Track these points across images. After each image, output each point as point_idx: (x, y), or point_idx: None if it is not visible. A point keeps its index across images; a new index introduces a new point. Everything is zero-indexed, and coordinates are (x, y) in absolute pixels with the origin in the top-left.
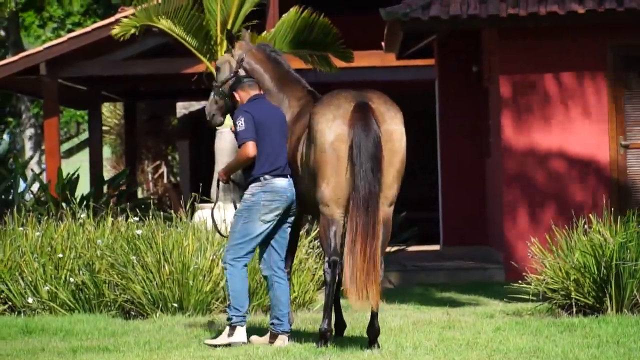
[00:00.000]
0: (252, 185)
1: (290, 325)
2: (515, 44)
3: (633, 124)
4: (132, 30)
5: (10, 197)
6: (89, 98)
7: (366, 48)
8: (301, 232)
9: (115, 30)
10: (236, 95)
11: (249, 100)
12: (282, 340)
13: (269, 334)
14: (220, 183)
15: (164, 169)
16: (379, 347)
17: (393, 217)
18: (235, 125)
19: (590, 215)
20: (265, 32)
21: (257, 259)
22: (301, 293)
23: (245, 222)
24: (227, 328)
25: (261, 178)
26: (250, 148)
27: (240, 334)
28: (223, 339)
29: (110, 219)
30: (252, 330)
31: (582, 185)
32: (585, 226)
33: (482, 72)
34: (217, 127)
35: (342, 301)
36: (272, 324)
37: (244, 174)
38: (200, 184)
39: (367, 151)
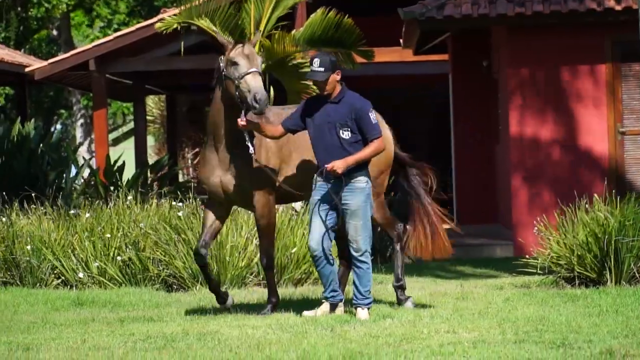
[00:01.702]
0: (362, 173)
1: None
2: (521, 40)
3: (629, 112)
4: (174, 26)
5: (63, 182)
6: (134, 91)
7: (386, 44)
8: None
9: (158, 25)
10: (334, 77)
11: (345, 91)
12: (341, 309)
13: (328, 305)
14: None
15: None
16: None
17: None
18: (363, 118)
19: (591, 196)
20: (294, 30)
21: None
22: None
23: (368, 209)
24: (366, 311)
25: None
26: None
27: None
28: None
29: (154, 202)
30: (297, 302)
31: (584, 168)
32: (587, 206)
33: (492, 66)
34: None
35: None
36: (332, 296)
37: None
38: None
39: None
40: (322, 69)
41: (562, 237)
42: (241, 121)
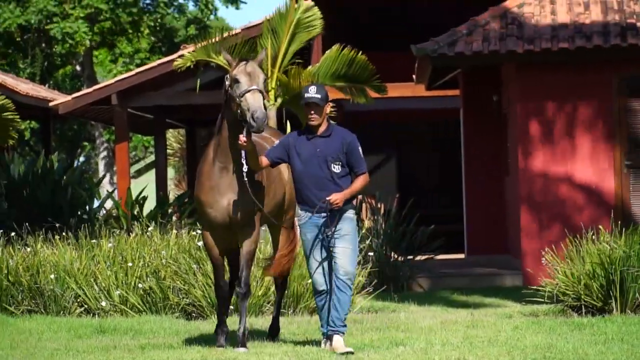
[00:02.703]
0: (351, 206)
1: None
2: (530, 76)
3: (635, 146)
4: (189, 64)
5: (86, 213)
6: (155, 125)
7: (399, 79)
8: None
9: (177, 62)
10: (326, 108)
11: (332, 125)
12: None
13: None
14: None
15: None
16: None
17: (424, 230)
18: (353, 152)
19: (597, 227)
20: (310, 66)
21: (307, 269)
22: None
23: (357, 236)
24: (342, 339)
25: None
26: None
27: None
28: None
29: (174, 233)
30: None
31: (590, 201)
32: (594, 237)
33: (502, 101)
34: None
35: None
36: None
37: None
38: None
39: None
40: (319, 96)
41: (569, 267)
42: (242, 137)
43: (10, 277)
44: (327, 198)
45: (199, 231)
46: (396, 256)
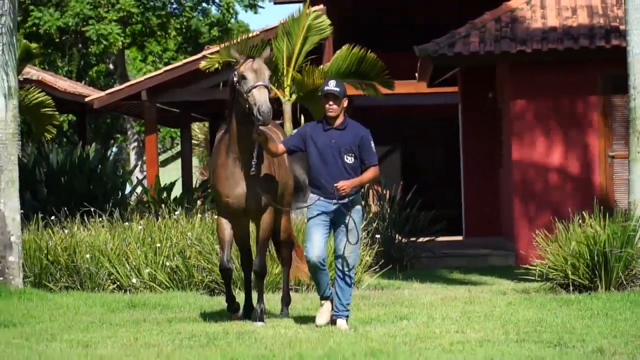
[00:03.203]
0: (359, 197)
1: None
2: (522, 75)
3: (618, 138)
4: (216, 65)
5: (119, 198)
6: (181, 118)
7: (400, 78)
8: None
9: (203, 64)
10: (344, 102)
11: (347, 119)
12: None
13: (329, 302)
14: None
15: None
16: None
17: (426, 215)
18: (366, 145)
19: (583, 212)
20: (322, 65)
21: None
22: None
23: (360, 233)
24: (346, 323)
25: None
26: None
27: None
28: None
29: (198, 216)
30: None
31: (577, 188)
32: (580, 221)
33: (497, 98)
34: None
35: None
36: (330, 292)
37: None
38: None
39: None
40: (338, 89)
41: (558, 249)
42: (255, 131)
43: (50, 257)
44: (335, 185)
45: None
46: (400, 238)
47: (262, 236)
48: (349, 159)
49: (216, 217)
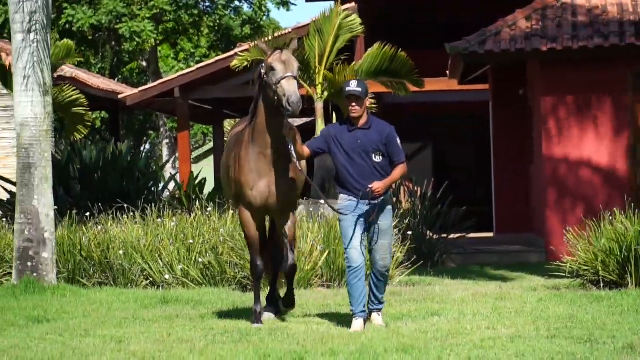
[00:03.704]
0: (389, 195)
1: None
2: (553, 72)
3: None
4: (246, 64)
5: (151, 195)
6: (213, 115)
7: (434, 74)
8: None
9: (234, 63)
10: (366, 102)
11: (371, 118)
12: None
13: (361, 321)
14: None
15: None
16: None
17: (457, 211)
18: (392, 143)
19: (614, 209)
20: (353, 63)
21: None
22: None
23: (392, 232)
24: (381, 316)
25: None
26: None
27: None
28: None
29: (231, 212)
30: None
31: (607, 185)
32: (610, 218)
33: (527, 94)
34: None
35: None
36: (363, 311)
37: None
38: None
39: None
40: (359, 89)
41: (588, 245)
42: (285, 126)
43: (83, 253)
44: (370, 186)
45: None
46: (431, 235)
47: (291, 231)
48: (378, 158)
49: (239, 210)
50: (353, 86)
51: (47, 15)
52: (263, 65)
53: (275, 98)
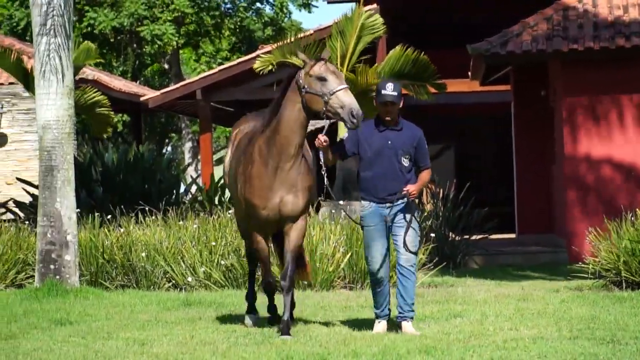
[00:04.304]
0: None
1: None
2: (574, 72)
3: None
4: (269, 67)
5: (173, 197)
6: (235, 117)
7: (456, 75)
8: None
9: (256, 65)
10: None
11: (401, 119)
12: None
13: (384, 323)
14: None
15: None
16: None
17: (479, 212)
18: (422, 147)
19: (636, 209)
20: (375, 64)
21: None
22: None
23: (417, 226)
24: (410, 324)
25: None
26: None
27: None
28: (414, 332)
29: None
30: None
31: (629, 184)
32: (632, 218)
33: (549, 95)
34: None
35: None
36: (387, 314)
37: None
38: (325, 186)
39: None
40: (395, 93)
41: (611, 246)
42: (322, 137)
43: (106, 255)
44: (405, 189)
45: None
46: (454, 236)
47: (293, 245)
48: (405, 161)
49: (250, 233)
50: (389, 90)
51: (68, 18)
52: (301, 74)
53: (324, 109)
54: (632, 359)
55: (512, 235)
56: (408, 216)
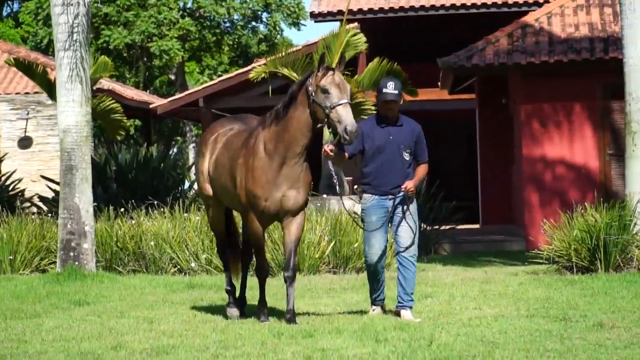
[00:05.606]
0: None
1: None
2: (532, 83)
3: (615, 138)
4: (263, 75)
5: (179, 193)
6: None
7: (427, 86)
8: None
9: (252, 75)
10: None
11: (400, 115)
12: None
13: (380, 308)
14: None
15: None
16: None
17: (447, 206)
18: (421, 141)
19: (585, 203)
20: (357, 75)
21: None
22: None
23: (417, 218)
24: (409, 312)
25: None
26: None
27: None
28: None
29: None
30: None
31: (579, 182)
32: (582, 211)
33: (509, 103)
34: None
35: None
36: (382, 299)
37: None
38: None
39: None
40: (396, 92)
41: (563, 235)
42: (327, 147)
43: (119, 244)
44: (404, 185)
45: None
46: (425, 226)
47: (295, 237)
48: (407, 156)
49: (249, 217)
50: (390, 89)
51: (86, 35)
52: (311, 81)
53: (326, 121)
54: (582, 335)
55: (477, 226)
56: (407, 209)
